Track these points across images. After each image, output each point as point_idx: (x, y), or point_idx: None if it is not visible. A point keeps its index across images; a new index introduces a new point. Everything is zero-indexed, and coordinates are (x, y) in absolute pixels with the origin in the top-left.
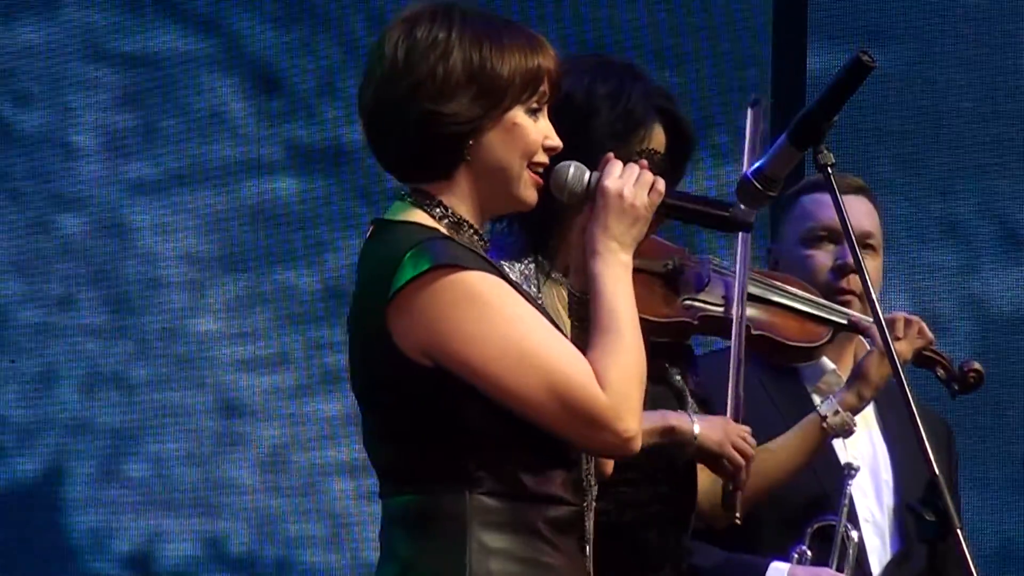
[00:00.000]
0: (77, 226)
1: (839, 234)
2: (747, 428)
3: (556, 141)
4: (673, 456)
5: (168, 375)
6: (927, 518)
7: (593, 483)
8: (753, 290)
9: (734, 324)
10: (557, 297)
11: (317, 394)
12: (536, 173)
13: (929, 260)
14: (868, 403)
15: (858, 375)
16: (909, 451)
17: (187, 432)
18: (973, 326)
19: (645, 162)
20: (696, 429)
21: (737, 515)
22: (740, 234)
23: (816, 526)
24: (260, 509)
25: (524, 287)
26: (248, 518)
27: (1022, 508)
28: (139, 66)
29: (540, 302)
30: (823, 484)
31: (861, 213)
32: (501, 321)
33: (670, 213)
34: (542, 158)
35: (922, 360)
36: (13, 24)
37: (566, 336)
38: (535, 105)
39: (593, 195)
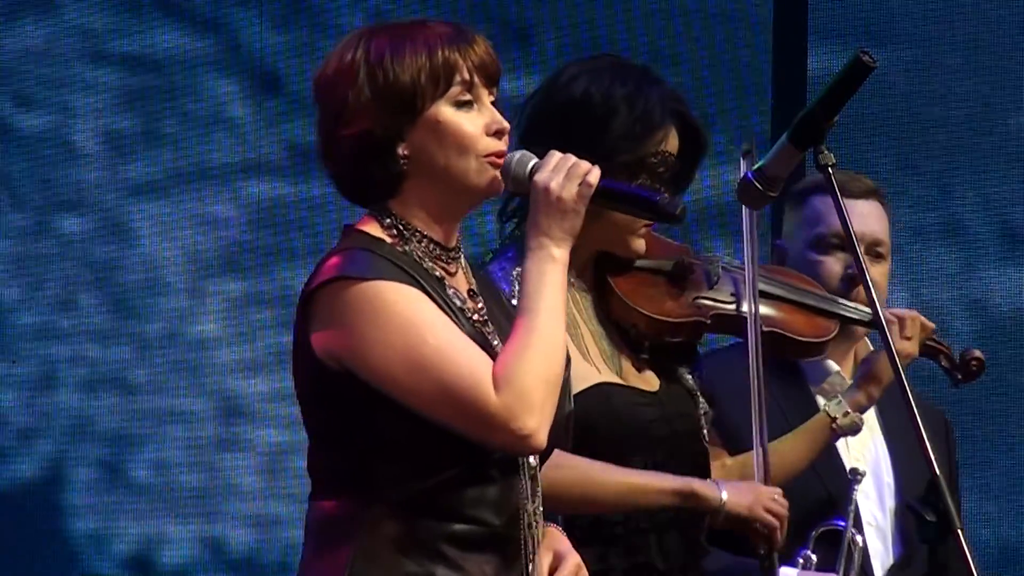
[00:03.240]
0: (77, 227)
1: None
2: (778, 489)
3: (502, 124)
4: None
5: (168, 377)
6: (927, 518)
7: (529, 504)
8: (761, 287)
9: (751, 349)
10: (572, 303)
11: None
12: (496, 163)
13: (929, 260)
14: (875, 402)
15: (867, 375)
16: (909, 451)
17: (187, 434)
18: (973, 326)
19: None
20: (724, 496)
21: None
22: (746, 240)
23: (821, 530)
24: (260, 512)
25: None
26: (248, 521)
27: (1022, 508)
28: (139, 67)
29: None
30: (828, 488)
31: (873, 218)
32: (400, 326)
33: (603, 203)
34: (492, 145)
35: (925, 350)
36: (14, 25)
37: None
38: (462, 97)
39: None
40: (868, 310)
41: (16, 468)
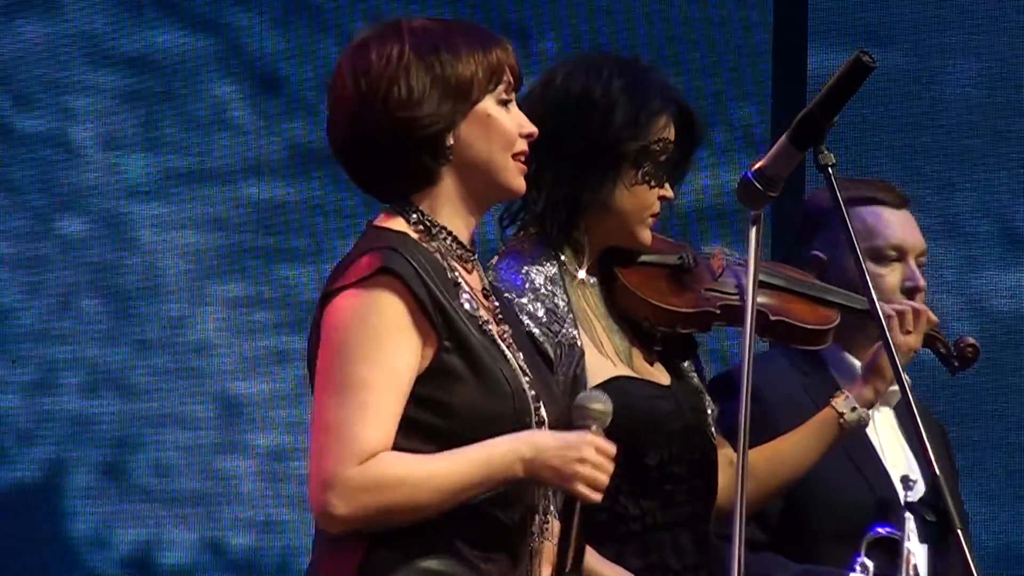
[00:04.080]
0: (77, 228)
1: (904, 252)
2: None
3: (532, 128)
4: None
5: (168, 379)
6: (927, 519)
7: (541, 502)
8: (763, 278)
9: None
10: (584, 298)
11: None
12: (521, 162)
13: (929, 260)
14: (882, 397)
15: (872, 370)
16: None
17: (187, 437)
18: (973, 327)
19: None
20: None
21: None
22: (752, 233)
23: (872, 537)
24: (260, 515)
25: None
26: (248, 524)
27: (1022, 508)
28: (139, 66)
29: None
30: (876, 494)
31: (916, 228)
32: (366, 354)
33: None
34: (522, 146)
35: (923, 339)
36: (13, 24)
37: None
38: (504, 96)
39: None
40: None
41: (16, 470)
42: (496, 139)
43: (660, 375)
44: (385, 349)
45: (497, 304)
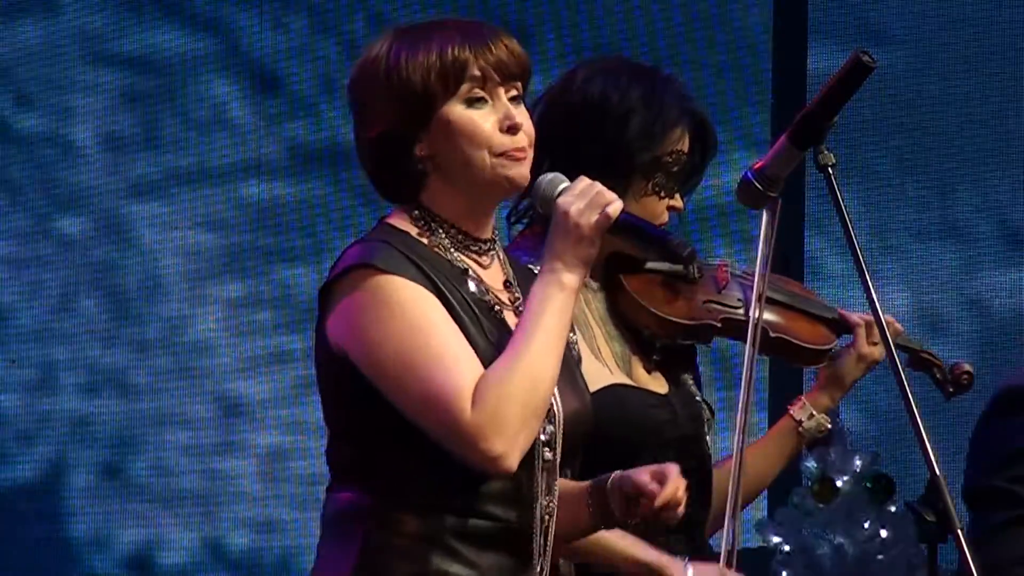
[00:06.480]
0: (77, 226)
1: None
2: None
3: (516, 119)
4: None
5: (168, 378)
6: (927, 518)
7: (543, 498)
8: (766, 293)
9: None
10: (585, 303)
11: (317, 396)
12: (513, 157)
13: (929, 260)
14: (837, 403)
15: (830, 377)
16: None
17: (187, 436)
18: (973, 326)
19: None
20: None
21: None
22: (760, 260)
23: None
24: (260, 514)
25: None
26: (248, 523)
27: None
28: (139, 66)
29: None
30: None
31: None
32: (403, 327)
33: (618, 236)
34: (507, 142)
35: (920, 363)
36: (13, 24)
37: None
38: (474, 95)
39: None
40: (849, 313)
41: (16, 470)
42: (462, 144)
43: (658, 383)
44: (415, 307)
45: (519, 296)
